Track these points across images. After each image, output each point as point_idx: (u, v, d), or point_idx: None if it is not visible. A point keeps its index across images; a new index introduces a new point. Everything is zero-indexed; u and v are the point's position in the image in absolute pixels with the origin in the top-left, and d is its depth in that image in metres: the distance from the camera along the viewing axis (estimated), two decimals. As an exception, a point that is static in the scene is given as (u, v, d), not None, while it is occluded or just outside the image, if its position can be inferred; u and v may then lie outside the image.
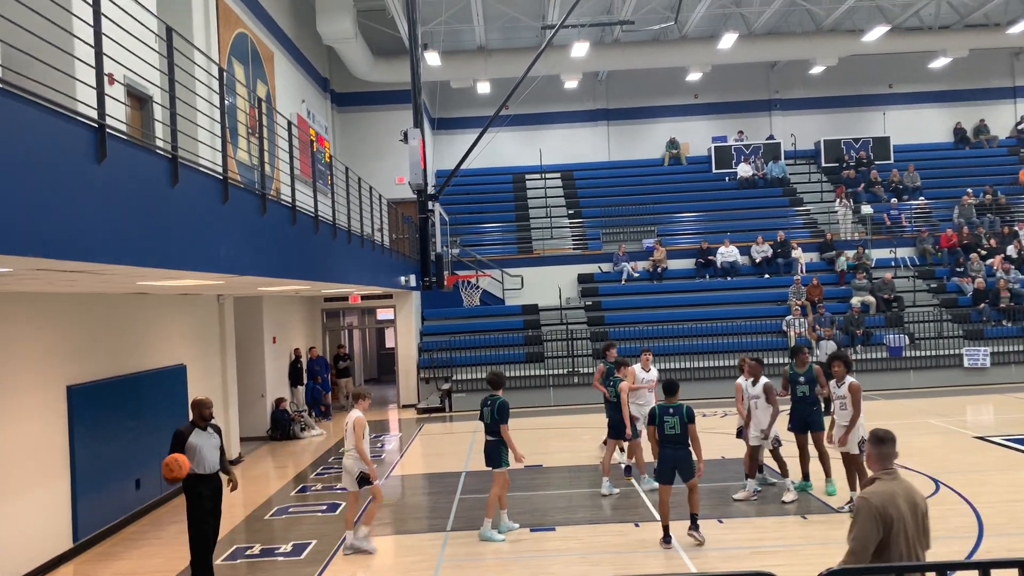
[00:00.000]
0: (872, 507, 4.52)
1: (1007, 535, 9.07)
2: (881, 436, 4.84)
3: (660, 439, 9.25)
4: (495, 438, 9.86)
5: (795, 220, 27.75)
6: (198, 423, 8.59)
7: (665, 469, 9.20)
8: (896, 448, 4.82)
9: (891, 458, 4.78)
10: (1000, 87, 31.78)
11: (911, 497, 4.66)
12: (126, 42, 6.84)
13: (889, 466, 4.75)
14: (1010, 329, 21.95)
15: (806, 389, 11.09)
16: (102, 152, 5.59)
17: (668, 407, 9.28)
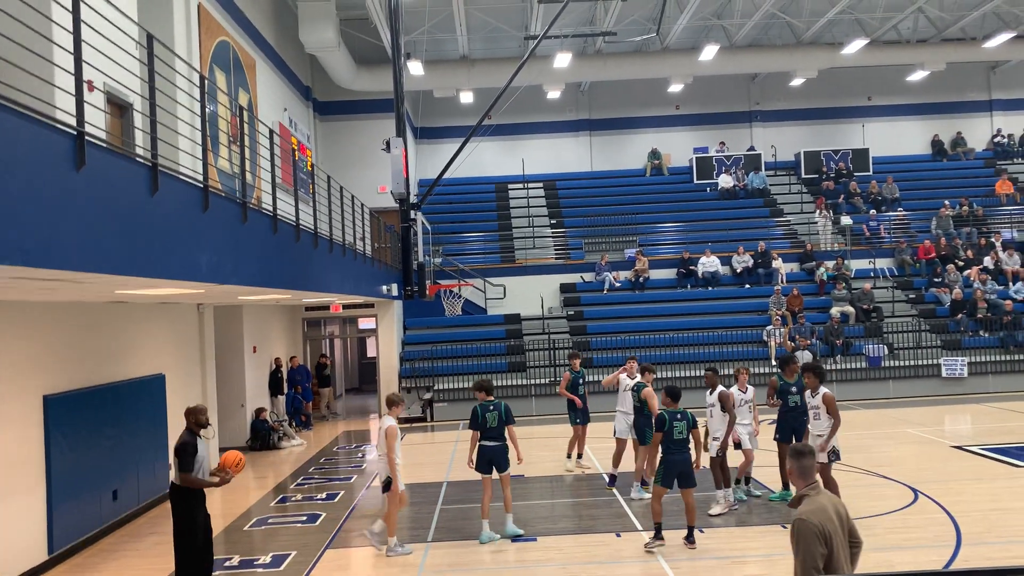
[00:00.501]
0: (813, 526, 4.55)
1: (985, 544, 9.14)
2: (800, 450, 4.89)
3: (666, 445, 9.29)
4: (502, 442, 10.04)
5: (775, 231, 27.96)
6: (196, 431, 8.41)
7: (670, 474, 9.28)
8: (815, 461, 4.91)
9: (812, 471, 4.85)
10: (977, 100, 32.22)
11: (836, 508, 4.75)
12: (106, 49, 6.80)
13: (811, 480, 4.81)
14: (987, 339, 22.19)
15: (798, 399, 11.09)
16: (81, 159, 5.55)
17: (675, 413, 9.38)
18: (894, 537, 9.58)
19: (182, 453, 8.20)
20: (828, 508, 4.67)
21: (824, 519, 4.58)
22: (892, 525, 10.06)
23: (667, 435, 9.34)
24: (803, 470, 4.80)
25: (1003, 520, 10.01)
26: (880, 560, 8.78)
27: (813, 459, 4.88)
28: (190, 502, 8.28)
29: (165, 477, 13.31)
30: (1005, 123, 32.07)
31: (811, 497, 4.71)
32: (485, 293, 25.43)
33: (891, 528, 9.93)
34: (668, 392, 9.65)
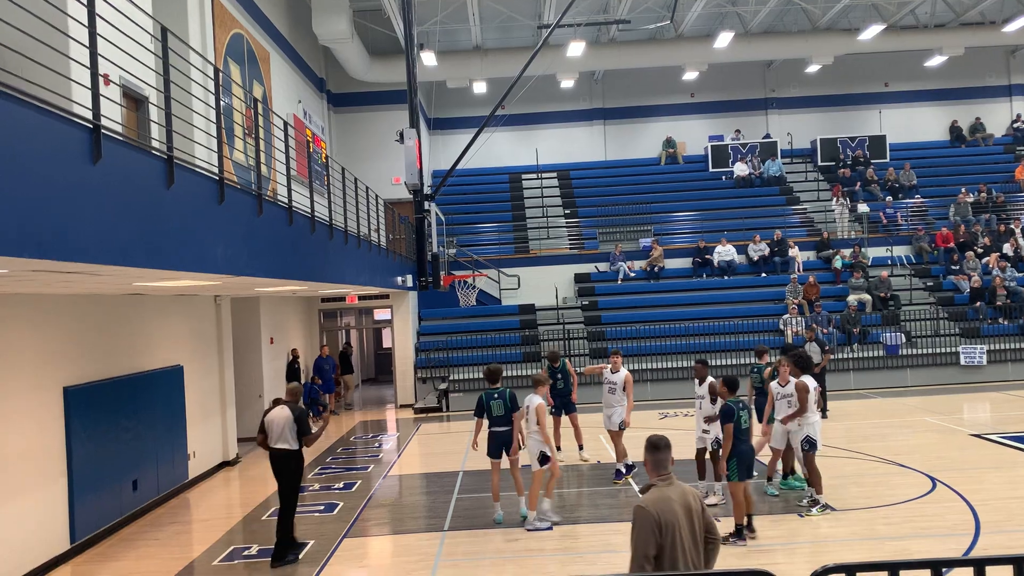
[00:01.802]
0: (648, 515, 4.57)
1: (1004, 532, 9.09)
2: (655, 443, 4.86)
3: (736, 437, 9.19)
4: (510, 427, 10.22)
5: (792, 219, 27.78)
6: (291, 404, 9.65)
7: (743, 467, 9.19)
8: (671, 454, 4.86)
9: (666, 464, 4.83)
10: (996, 85, 31.85)
11: (686, 501, 4.70)
12: (121, 43, 6.83)
13: (664, 472, 4.80)
14: (1006, 327, 21.99)
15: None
16: (97, 153, 5.59)
17: (738, 402, 9.27)
18: (912, 525, 9.54)
19: (303, 422, 9.51)
20: (673, 500, 4.65)
21: (664, 510, 4.58)
22: (910, 513, 10.01)
23: (736, 425, 9.21)
24: (657, 463, 4.81)
25: (1022, 509, 9.94)
26: (898, 548, 8.75)
27: (668, 452, 4.85)
28: (302, 461, 9.72)
29: (184, 467, 13.46)
30: (1025, 108, 31.69)
31: (659, 487, 4.73)
32: (499, 284, 25.45)
33: (909, 516, 9.89)
34: (727, 383, 9.46)
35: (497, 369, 10.61)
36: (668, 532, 4.55)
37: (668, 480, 4.77)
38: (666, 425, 17.13)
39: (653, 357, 21.49)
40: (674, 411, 18.74)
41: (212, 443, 14.94)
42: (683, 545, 4.59)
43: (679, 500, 4.68)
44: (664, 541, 4.55)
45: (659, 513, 4.57)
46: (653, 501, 4.65)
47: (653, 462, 4.81)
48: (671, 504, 4.62)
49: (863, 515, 10.02)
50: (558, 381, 13.90)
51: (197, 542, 10.61)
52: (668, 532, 4.55)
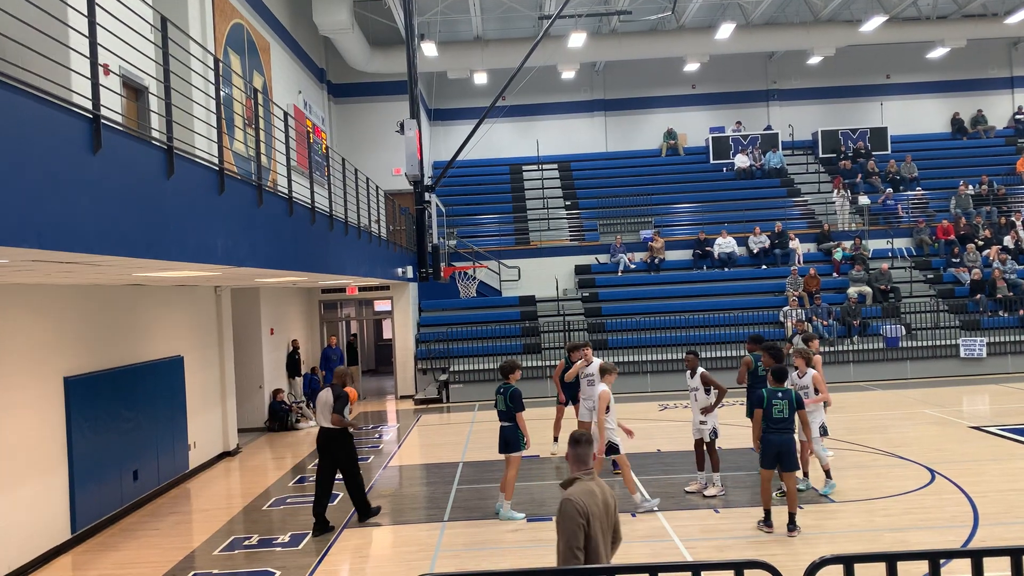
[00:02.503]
0: (577, 507, 4.66)
1: (1003, 524, 9.11)
2: (577, 438, 5.00)
3: (765, 425, 9.17)
4: (511, 424, 10.17)
5: (792, 211, 27.76)
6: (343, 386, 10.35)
7: (770, 455, 9.15)
8: (593, 449, 5.00)
9: (587, 459, 4.94)
10: (998, 77, 31.78)
11: (604, 496, 4.85)
12: (121, 33, 6.82)
13: (585, 467, 4.92)
14: (1006, 320, 22.00)
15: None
16: (97, 143, 5.58)
17: (777, 391, 9.22)
18: (911, 517, 9.57)
19: (339, 400, 10.17)
20: (596, 493, 4.80)
21: (588, 500, 4.70)
22: (909, 505, 10.04)
23: (767, 413, 9.16)
24: (578, 457, 4.94)
25: (1021, 500, 9.96)
26: (896, 540, 8.78)
27: (590, 447, 4.98)
28: (350, 437, 10.41)
29: (185, 457, 13.50)
30: (1027, 100, 31.64)
31: (582, 481, 4.85)
32: (500, 275, 25.45)
33: (908, 508, 9.92)
34: (773, 373, 9.44)
35: (507, 364, 10.51)
36: (593, 525, 4.67)
37: (590, 475, 4.90)
38: (666, 416, 17.16)
39: (653, 349, 21.51)
40: (674, 403, 18.77)
41: (212, 433, 14.98)
42: (603, 539, 4.74)
43: (603, 496, 4.84)
44: (591, 532, 4.65)
45: (584, 504, 4.68)
46: (579, 493, 4.75)
47: (575, 456, 4.94)
48: (594, 497, 4.76)
49: (862, 507, 10.05)
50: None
51: (197, 532, 10.65)
52: (593, 525, 4.67)
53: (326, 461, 10.31)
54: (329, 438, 10.31)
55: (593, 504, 4.72)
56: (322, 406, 10.33)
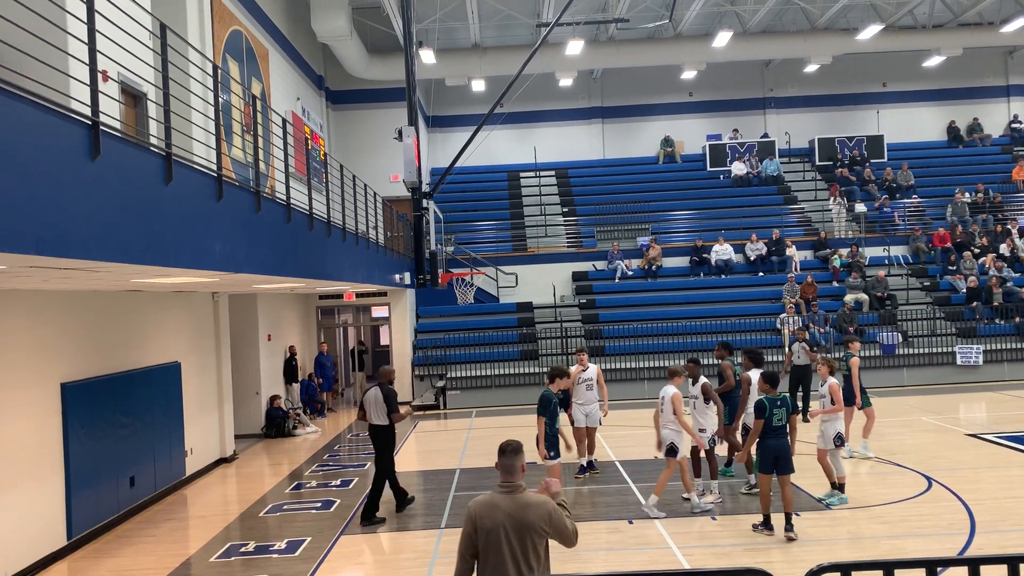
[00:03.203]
0: (468, 516, 4.59)
1: (999, 532, 9.12)
2: (503, 447, 4.75)
3: (764, 431, 9.24)
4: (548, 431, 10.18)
5: (789, 218, 27.82)
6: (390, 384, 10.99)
7: (768, 460, 9.24)
8: (521, 460, 4.69)
9: (511, 469, 4.67)
10: (993, 86, 31.89)
11: (520, 514, 4.51)
12: (120, 39, 6.83)
13: (507, 478, 4.65)
14: (1003, 327, 22.04)
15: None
16: (95, 149, 5.59)
17: (776, 399, 9.28)
18: (907, 525, 9.57)
19: (391, 400, 10.79)
20: (499, 507, 4.54)
21: (485, 515, 4.53)
22: (905, 513, 10.05)
23: (767, 422, 9.21)
24: (503, 467, 4.68)
25: (1017, 508, 9.97)
26: (893, 547, 8.78)
27: (514, 458, 4.69)
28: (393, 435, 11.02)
29: (181, 464, 13.47)
30: (1022, 109, 31.72)
31: (493, 492, 4.65)
32: (497, 281, 25.46)
33: (904, 516, 9.92)
34: (766, 378, 9.48)
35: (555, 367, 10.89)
36: (488, 538, 4.50)
37: (508, 488, 4.62)
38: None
39: (650, 355, 21.50)
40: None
41: (210, 440, 14.95)
42: (511, 557, 4.47)
43: (510, 510, 4.52)
44: (482, 544, 4.51)
45: (479, 517, 4.55)
46: (478, 504, 4.62)
47: (501, 465, 4.70)
48: (495, 511, 4.53)
49: (859, 514, 10.05)
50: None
51: (194, 539, 10.63)
52: (488, 538, 4.50)
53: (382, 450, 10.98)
54: (376, 433, 10.93)
55: (490, 517, 4.51)
56: (371, 405, 10.88)
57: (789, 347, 17.47)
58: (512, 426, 17.87)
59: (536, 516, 4.52)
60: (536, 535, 4.52)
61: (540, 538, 4.54)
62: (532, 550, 4.51)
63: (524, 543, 4.49)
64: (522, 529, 4.49)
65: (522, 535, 4.49)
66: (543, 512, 4.55)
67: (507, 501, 4.57)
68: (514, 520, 4.50)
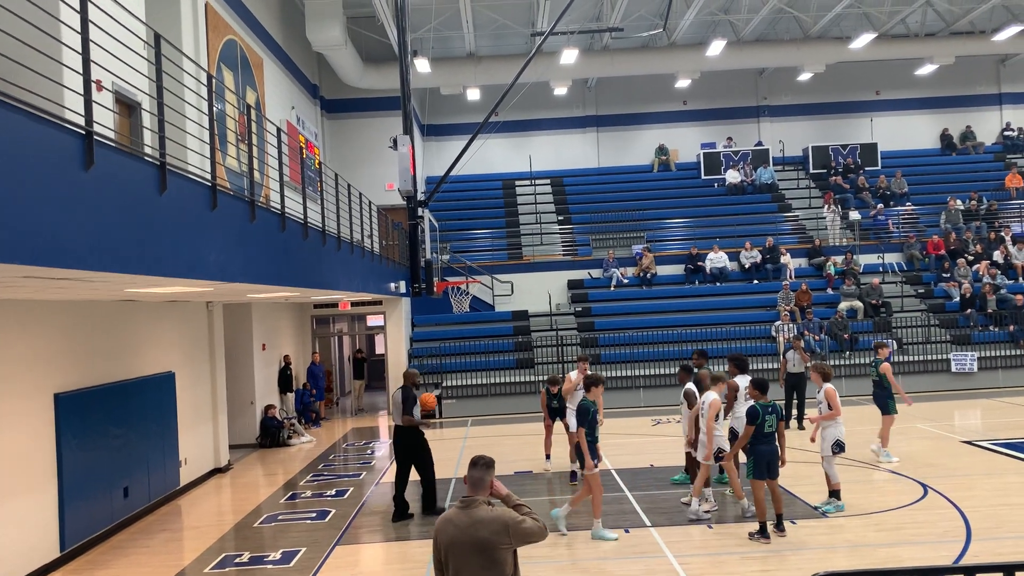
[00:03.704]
0: (434, 530, 4.59)
1: (995, 539, 9.12)
2: (474, 461, 4.69)
3: (755, 437, 9.35)
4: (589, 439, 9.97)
5: (784, 226, 27.88)
6: (412, 387, 11.35)
7: (761, 466, 9.37)
8: (491, 476, 4.61)
9: (479, 484, 4.59)
10: (986, 94, 32.05)
11: (472, 530, 4.45)
12: (114, 49, 6.83)
13: (476, 491, 4.58)
14: (997, 334, 22.09)
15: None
16: (89, 159, 5.58)
17: (767, 406, 9.39)
18: (903, 532, 9.56)
19: (407, 401, 11.14)
20: (455, 523, 4.50)
21: (442, 530, 4.53)
22: (901, 520, 10.04)
23: (759, 428, 9.34)
24: (471, 481, 4.61)
25: (1013, 515, 9.97)
26: (889, 555, 8.77)
27: (483, 472, 4.61)
28: (421, 434, 11.36)
29: (176, 474, 13.41)
30: (1015, 117, 31.89)
31: (457, 507, 4.58)
32: (493, 290, 25.46)
33: (900, 523, 9.92)
34: (756, 385, 9.58)
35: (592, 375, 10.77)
36: (446, 553, 4.50)
37: (467, 503, 4.55)
38: (659, 432, 17.14)
39: (646, 363, 21.50)
40: (667, 418, 18.75)
41: (204, 450, 14.89)
42: (467, 572, 4.44)
43: (462, 525, 4.47)
44: (443, 559, 4.52)
45: (438, 532, 4.56)
46: (441, 519, 4.61)
47: (468, 479, 4.65)
48: (450, 526, 4.51)
49: (855, 522, 10.04)
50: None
51: (188, 550, 10.57)
52: (446, 553, 4.50)
53: (400, 455, 11.35)
54: (400, 435, 11.34)
55: (445, 532, 4.51)
56: (394, 406, 11.40)
57: (784, 355, 17.50)
58: (508, 435, 17.84)
59: (490, 532, 4.43)
60: (493, 550, 4.42)
61: (499, 552, 4.43)
62: (490, 566, 4.43)
63: (480, 558, 4.41)
64: (475, 545, 4.42)
65: (476, 551, 4.42)
66: (498, 526, 4.45)
67: (461, 516, 4.52)
68: (466, 536, 4.44)
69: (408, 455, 11.31)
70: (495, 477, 4.68)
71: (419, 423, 11.27)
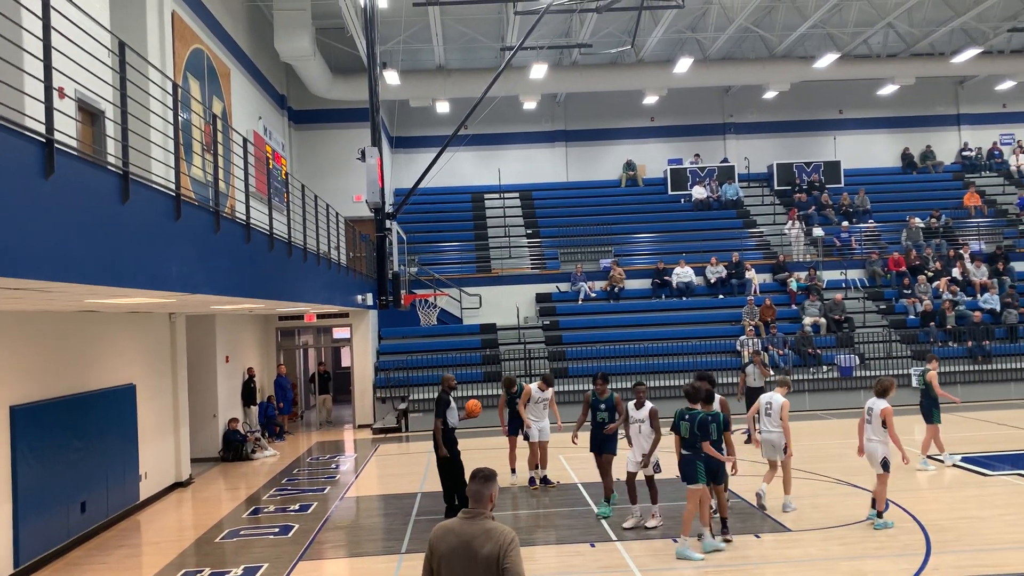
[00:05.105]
0: (429, 538, 4.59)
1: (953, 552, 9.25)
2: (474, 473, 4.66)
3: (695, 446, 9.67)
4: (690, 453, 9.69)
5: (748, 242, 28.21)
6: (448, 391, 11.73)
7: (711, 471, 9.67)
8: (493, 488, 4.55)
9: (479, 497, 4.54)
10: (945, 114, 32.78)
11: (475, 543, 4.39)
12: (78, 56, 6.73)
13: (474, 505, 4.54)
14: (956, 350, 22.49)
15: (605, 416, 11.46)
16: (50, 167, 5.48)
17: (710, 415, 9.73)
18: (865, 546, 9.67)
19: (439, 405, 11.57)
20: (455, 533, 4.47)
21: (440, 539, 4.50)
22: (863, 534, 10.15)
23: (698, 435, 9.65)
24: (471, 493, 4.58)
25: (971, 528, 10.14)
26: (851, 569, 8.86)
27: (484, 485, 4.56)
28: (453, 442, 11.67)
29: (135, 489, 13.16)
30: (972, 137, 32.65)
31: (458, 518, 4.54)
32: (461, 303, 25.40)
33: (862, 537, 10.02)
34: (685, 391, 10.05)
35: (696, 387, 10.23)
36: (442, 564, 4.45)
37: (471, 515, 4.50)
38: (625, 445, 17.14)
39: (613, 377, 21.48)
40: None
41: (165, 463, 14.63)
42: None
43: (465, 537, 4.42)
44: (437, 569, 4.49)
45: (435, 540, 4.52)
46: (438, 527, 4.59)
47: (469, 492, 4.61)
48: (449, 536, 4.47)
49: (818, 535, 10.13)
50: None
51: (147, 566, 10.36)
52: (442, 564, 4.45)
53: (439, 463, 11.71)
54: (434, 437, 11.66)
55: (443, 542, 4.46)
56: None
57: (743, 369, 17.67)
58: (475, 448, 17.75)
59: (491, 550, 4.36)
60: (488, 568, 4.35)
61: (493, 571, 4.36)
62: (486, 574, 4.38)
63: (476, 569, 4.36)
64: (475, 559, 4.37)
65: (474, 564, 4.36)
66: (499, 545, 4.38)
67: (465, 528, 4.46)
68: (467, 548, 4.39)
69: (444, 462, 11.60)
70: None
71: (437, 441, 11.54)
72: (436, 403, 11.72)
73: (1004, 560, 8.85)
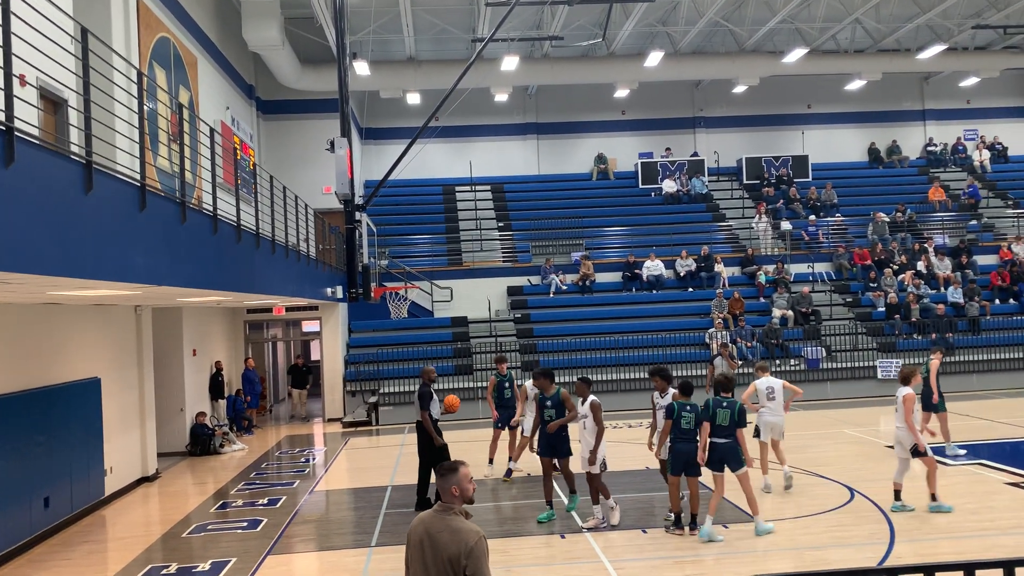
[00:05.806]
0: (409, 530, 4.66)
1: (917, 540, 9.42)
2: (435, 468, 4.78)
3: (674, 435, 9.88)
4: (730, 440, 9.73)
5: (718, 235, 28.42)
6: (429, 383, 11.79)
7: (679, 463, 9.84)
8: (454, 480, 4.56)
9: (443, 491, 4.59)
10: (911, 110, 33.23)
11: (440, 536, 4.45)
12: (39, 43, 6.59)
13: (446, 500, 4.57)
14: (920, 342, 22.85)
15: (552, 412, 10.92)
16: (9, 156, 5.37)
17: (685, 404, 9.89)
18: (831, 535, 9.80)
19: (422, 398, 11.60)
20: (426, 524, 4.54)
21: (413, 529, 4.61)
22: (829, 524, 10.29)
23: (675, 424, 9.83)
24: (437, 488, 4.63)
25: (934, 518, 10.32)
26: (817, 558, 8.98)
27: (443, 480, 4.58)
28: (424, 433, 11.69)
29: (100, 483, 12.97)
30: (937, 132, 33.14)
31: (432, 509, 4.62)
32: (432, 296, 25.32)
33: (828, 527, 10.16)
34: (680, 386, 10.17)
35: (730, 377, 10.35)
36: (410, 552, 4.58)
37: (441, 509, 4.56)
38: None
39: (584, 370, 21.62)
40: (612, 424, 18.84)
41: (130, 458, 14.44)
42: (421, 571, 4.48)
43: (432, 531, 4.49)
44: (408, 557, 4.62)
45: (410, 531, 4.64)
46: (417, 518, 4.67)
47: (436, 486, 4.68)
48: (419, 528, 4.57)
49: (785, 525, 10.25)
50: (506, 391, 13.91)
51: (112, 561, 10.22)
52: (410, 552, 4.58)
53: (421, 452, 11.81)
54: (420, 431, 11.79)
55: (415, 533, 4.57)
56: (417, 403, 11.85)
57: (711, 361, 17.82)
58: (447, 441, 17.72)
59: (455, 548, 4.40)
60: (451, 564, 4.39)
61: (456, 568, 4.39)
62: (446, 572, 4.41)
63: (439, 566, 4.41)
64: (439, 552, 4.43)
65: (438, 558, 4.42)
66: (463, 545, 4.40)
67: (434, 522, 4.53)
68: (432, 540, 4.46)
69: (426, 452, 11.64)
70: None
71: (430, 430, 11.56)
72: (419, 396, 11.69)
73: (966, 548, 9.01)
